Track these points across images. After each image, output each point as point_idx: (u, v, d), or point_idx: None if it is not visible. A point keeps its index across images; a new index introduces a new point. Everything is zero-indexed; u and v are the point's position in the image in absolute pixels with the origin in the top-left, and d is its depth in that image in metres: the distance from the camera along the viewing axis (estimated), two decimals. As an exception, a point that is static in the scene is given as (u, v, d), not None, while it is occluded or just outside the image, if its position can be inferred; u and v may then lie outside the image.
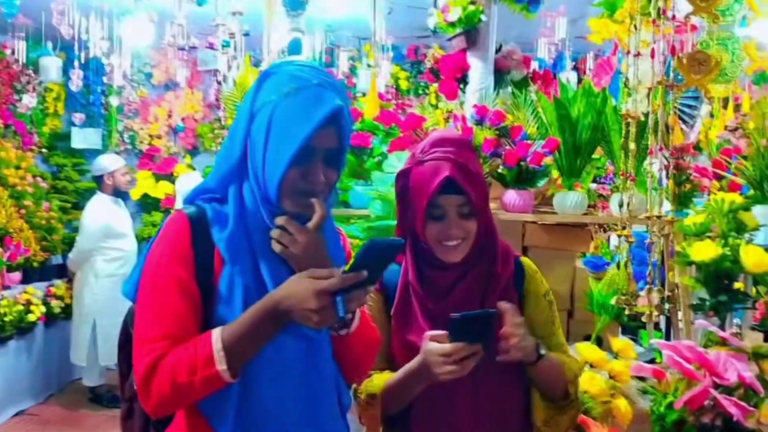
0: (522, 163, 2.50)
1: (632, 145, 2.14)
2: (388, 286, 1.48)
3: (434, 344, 1.29)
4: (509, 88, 2.93)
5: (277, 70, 1.21)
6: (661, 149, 2.08)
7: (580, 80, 4.43)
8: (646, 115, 2.35)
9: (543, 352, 1.38)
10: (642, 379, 2.04)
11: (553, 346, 1.51)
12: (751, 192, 2.25)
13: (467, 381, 1.30)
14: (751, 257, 1.97)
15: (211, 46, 4.16)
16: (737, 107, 3.34)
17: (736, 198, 2.07)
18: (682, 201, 2.66)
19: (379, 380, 1.41)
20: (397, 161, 2.63)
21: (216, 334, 1.10)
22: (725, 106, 3.41)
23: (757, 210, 2.19)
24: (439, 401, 1.39)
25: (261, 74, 1.23)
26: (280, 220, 1.17)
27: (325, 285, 1.06)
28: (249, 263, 1.16)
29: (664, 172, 2.69)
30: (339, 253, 1.27)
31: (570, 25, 4.33)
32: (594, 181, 3.04)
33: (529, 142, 2.54)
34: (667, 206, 2.70)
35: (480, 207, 1.42)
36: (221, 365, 1.08)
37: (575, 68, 4.85)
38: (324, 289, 1.06)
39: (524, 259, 1.55)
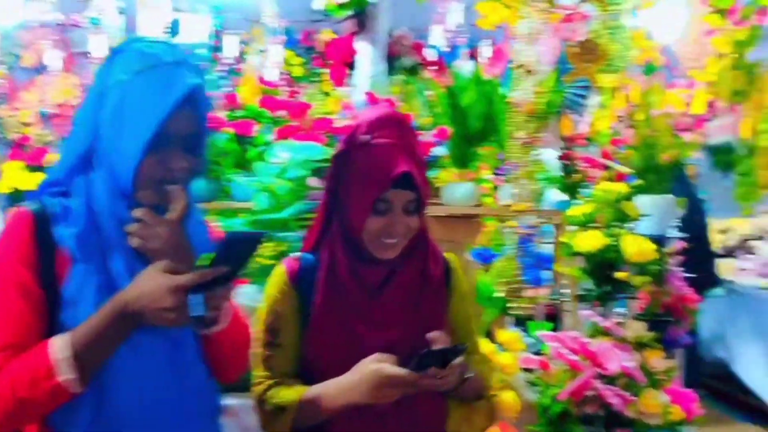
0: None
1: (519, 134, 2.10)
2: (303, 280, 1.33)
3: (389, 367, 1.19)
4: (401, 75, 2.85)
5: (126, 48, 1.12)
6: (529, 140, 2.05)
7: (478, 69, 4.40)
8: (539, 104, 2.33)
9: (468, 375, 1.29)
10: (530, 370, 2.01)
11: (470, 345, 1.41)
12: (637, 182, 2.28)
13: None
14: (633, 247, 1.98)
15: (75, 24, 3.81)
16: (627, 98, 3.40)
17: (621, 188, 2.08)
18: (570, 191, 2.68)
19: (292, 393, 1.27)
20: (283, 151, 2.47)
21: (57, 342, 1.02)
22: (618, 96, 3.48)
23: (642, 200, 2.21)
24: (361, 413, 1.27)
25: (109, 53, 1.16)
26: (138, 212, 1.09)
27: (180, 281, 1.00)
28: (101, 262, 1.08)
29: (558, 162, 2.71)
30: (205, 247, 1.16)
31: (466, 12, 4.28)
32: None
33: (418, 131, 2.46)
34: (560, 196, 2.72)
35: (426, 203, 1.30)
36: (64, 375, 1.00)
37: (472, 56, 4.83)
38: (179, 285, 1.00)
39: (450, 256, 1.45)
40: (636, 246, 1.98)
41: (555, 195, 2.67)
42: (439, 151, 2.50)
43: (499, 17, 2.30)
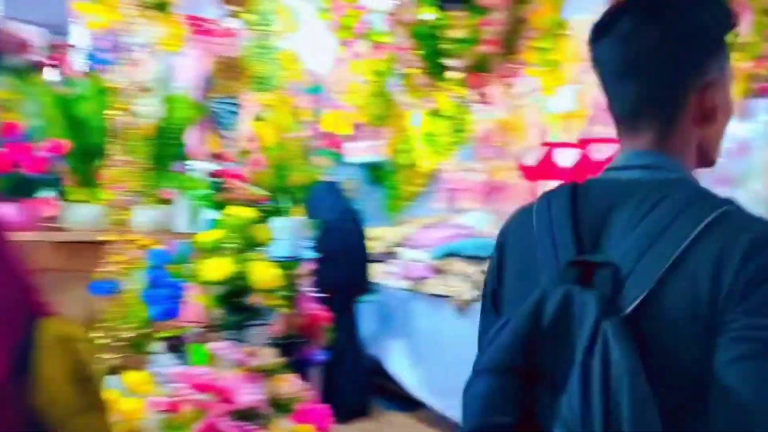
0: (18, 170, 2.05)
1: (132, 154, 1.91)
2: None
3: None
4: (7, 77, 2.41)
5: None
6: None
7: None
8: (164, 120, 2.16)
9: None
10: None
11: None
12: (268, 205, 2.25)
13: None
14: (260, 273, 1.94)
15: None
16: (293, 115, 3.40)
17: (250, 212, 2.02)
18: (219, 210, 2.56)
19: None
20: None
21: None
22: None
23: (274, 222, 2.19)
24: None
25: None
26: None
27: None
28: None
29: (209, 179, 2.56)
30: None
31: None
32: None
33: (28, 143, 2.10)
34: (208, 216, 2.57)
35: None
36: None
37: (109, 63, 4.38)
38: None
39: (49, 318, 0.98)
40: (265, 271, 1.94)
41: (201, 215, 2.52)
42: (57, 167, 2.16)
43: (103, 21, 2.05)
